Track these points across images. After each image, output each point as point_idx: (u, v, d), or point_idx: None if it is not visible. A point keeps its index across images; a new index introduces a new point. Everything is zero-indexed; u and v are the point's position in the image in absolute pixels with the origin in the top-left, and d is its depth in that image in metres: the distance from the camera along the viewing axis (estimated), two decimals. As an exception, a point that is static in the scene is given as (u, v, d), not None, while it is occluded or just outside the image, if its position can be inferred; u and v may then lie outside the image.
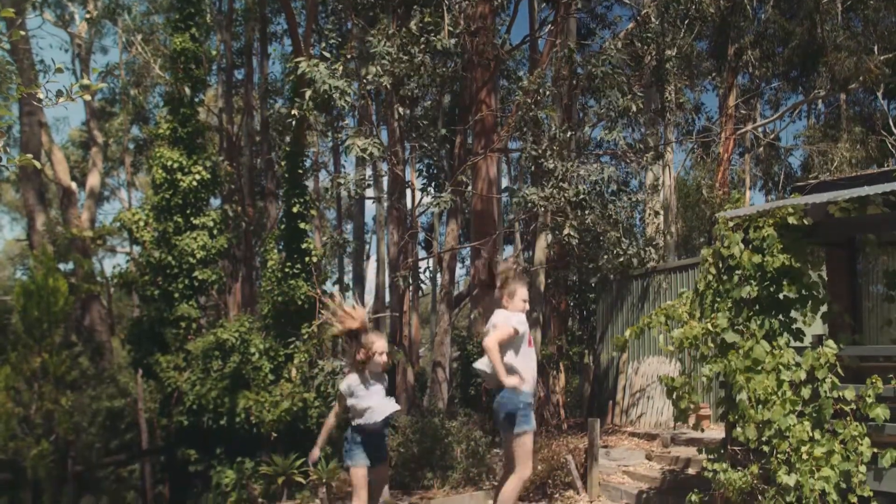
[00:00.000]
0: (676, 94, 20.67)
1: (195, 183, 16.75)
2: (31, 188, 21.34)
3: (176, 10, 17.94)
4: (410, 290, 17.17)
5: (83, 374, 17.48)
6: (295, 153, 16.07)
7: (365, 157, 11.88)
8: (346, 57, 13.34)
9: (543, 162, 12.37)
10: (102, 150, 28.20)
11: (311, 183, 27.72)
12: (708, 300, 6.99)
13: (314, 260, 15.64)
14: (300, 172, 16.13)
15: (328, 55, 12.99)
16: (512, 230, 21.76)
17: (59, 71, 4.83)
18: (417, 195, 17.30)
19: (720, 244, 6.94)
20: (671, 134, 22.06)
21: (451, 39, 12.51)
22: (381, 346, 5.42)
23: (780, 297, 6.65)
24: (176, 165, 16.59)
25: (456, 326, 19.26)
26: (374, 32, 12.78)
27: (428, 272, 24.99)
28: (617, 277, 15.02)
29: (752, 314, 6.67)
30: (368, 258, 33.24)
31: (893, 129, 23.59)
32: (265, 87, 25.79)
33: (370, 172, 20.73)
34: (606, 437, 13.08)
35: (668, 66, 16.04)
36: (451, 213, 14.41)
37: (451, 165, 15.08)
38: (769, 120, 27.89)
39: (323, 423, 14.59)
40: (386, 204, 21.14)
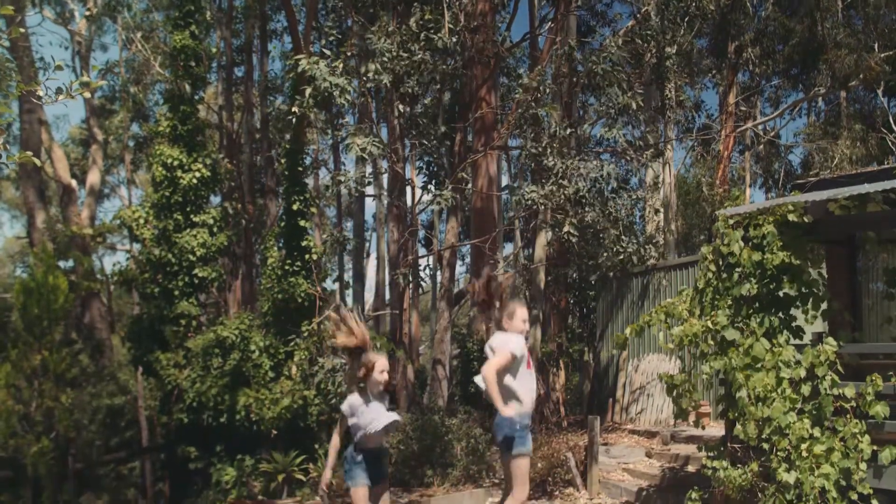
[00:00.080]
0: (676, 91, 20.67)
1: (195, 180, 16.74)
2: (31, 186, 21.34)
3: (176, 7, 17.91)
4: (410, 287, 17.16)
5: (83, 371, 17.48)
6: (295, 150, 16.05)
7: (364, 156, 11.89)
8: (346, 54, 13.33)
9: (543, 160, 12.37)
10: (102, 147, 28.17)
11: (311, 180, 27.75)
12: (708, 298, 6.99)
13: (314, 257, 15.64)
14: (300, 170, 16.11)
15: (328, 52, 12.98)
16: (512, 227, 21.77)
17: (58, 68, 4.83)
18: (417, 193, 17.30)
19: (720, 242, 6.94)
20: (671, 131, 22.06)
21: (451, 37, 12.50)
22: (381, 364, 5.39)
23: (780, 294, 6.65)
24: (176, 163, 16.58)
25: (456, 324, 19.27)
26: (373, 30, 12.77)
27: (428, 270, 25.08)
28: (617, 275, 15.02)
29: (751, 312, 6.68)
30: (368, 256, 33.27)
31: (894, 126, 23.57)
32: (265, 84, 25.77)
33: (370, 170, 20.73)
34: (606, 434, 13.10)
35: (668, 63, 16.05)
36: (451, 210, 14.41)
37: (451, 163, 15.07)
38: (769, 117, 27.89)
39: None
40: (386, 201, 21.14)
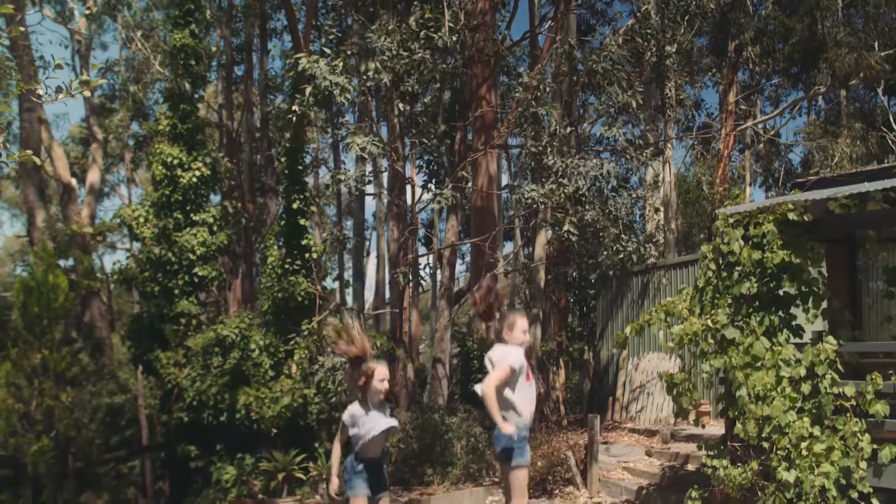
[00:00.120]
0: (676, 90, 20.67)
1: (195, 179, 16.74)
2: (31, 184, 21.34)
3: (176, 6, 17.90)
4: (410, 286, 17.16)
5: (83, 370, 17.49)
6: (295, 149, 16.06)
7: (364, 156, 11.89)
8: (346, 53, 13.32)
9: (543, 158, 12.37)
10: (102, 146, 28.16)
11: (311, 179, 27.73)
12: (708, 296, 6.99)
13: (314, 256, 15.65)
14: (300, 169, 16.12)
15: (328, 51, 12.97)
16: (512, 226, 21.76)
17: (58, 67, 4.83)
18: (418, 191, 17.29)
19: (720, 240, 6.94)
20: (671, 130, 22.05)
21: (451, 36, 12.50)
22: (381, 372, 5.36)
23: (780, 293, 6.65)
24: (176, 162, 16.58)
25: (456, 323, 19.27)
26: (374, 28, 12.76)
27: (428, 268, 25.06)
28: (617, 274, 15.02)
29: (752, 310, 6.68)
30: (368, 254, 33.26)
31: (894, 125, 23.56)
32: (265, 83, 25.76)
33: (370, 168, 20.71)
34: (606, 433, 13.10)
35: (668, 62, 16.04)
36: (451, 209, 14.41)
37: (451, 161, 15.07)
38: (769, 116, 27.88)
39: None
40: (386, 200, 21.12)
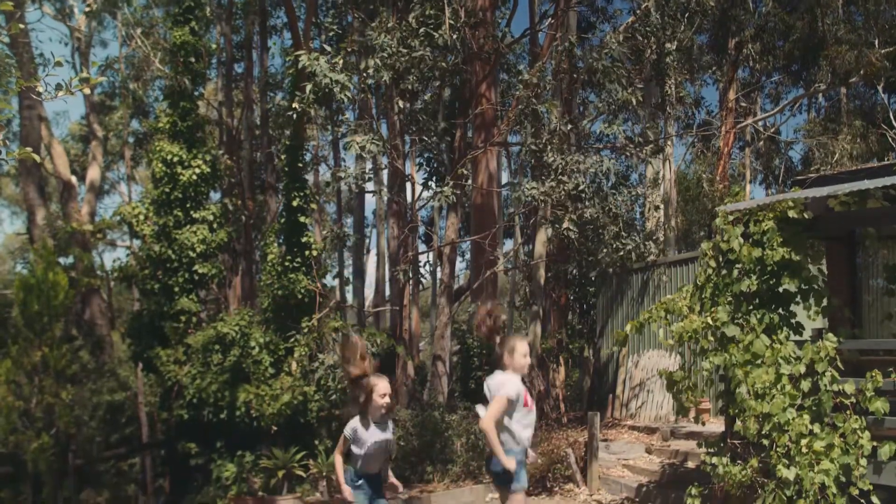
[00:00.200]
0: (677, 87, 20.63)
1: (195, 177, 16.73)
2: (31, 182, 21.34)
3: (175, 3, 17.88)
4: (410, 283, 17.18)
5: (83, 367, 17.49)
6: (295, 147, 16.05)
7: (364, 155, 11.89)
8: (346, 50, 13.31)
9: (543, 156, 12.37)
10: (102, 143, 28.17)
11: (311, 176, 27.70)
12: (708, 294, 7.00)
13: (314, 254, 15.65)
14: (300, 166, 16.11)
15: (328, 49, 12.96)
16: (512, 224, 21.78)
17: (58, 64, 4.82)
18: (417, 189, 17.30)
19: (720, 238, 6.95)
20: (671, 128, 22.04)
21: (451, 33, 12.49)
22: (381, 388, 5.35)
23: (779, 290, 6.65)
24: (176, 159, 16.56)
25: (456, 320, 19.27)
26: (373, 26, 12.75)
27: (428, 266, 25.10)
28: (617, 271, 15.01)
29: (751, 308, 6.68)
30: (368, 252, 33.25)
31: (894, 122, 23.56)
32: (265, 80, 25.74)
33: (370, 166, 20.71)
34: (606, 430, 13.10)
35: (668, 59, 16.00)
36: (451, 206, 14.40)
37: (451, 159, 15.06)
38: (770, 114, 27.85)
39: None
40: (386, 198, 21.13)
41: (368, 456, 5.33)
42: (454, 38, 12.68)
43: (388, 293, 25.03)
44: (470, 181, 13.85)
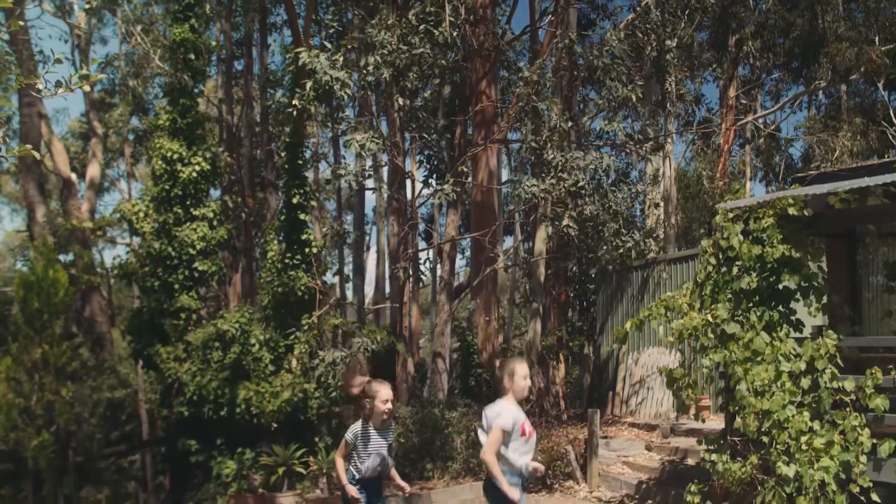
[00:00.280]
0: (677, 84, 20.63)
1: (195, 174, 16.72)
2: (31, 179, 21.33)
3: (175, 0, 17.87)
4: (410, 280, 17.17)
5: (84, 365, 17.50)
6: (295, 144, 16.04)
7: (364, 153, 11.88)
8: (346, 47, 13.29)
9: (543, 153, 12.36)
10: (102, 141, 28.15)
11: (311, 174, 27.68)
12: (708, 291, 7.00)
13: (314, 251, 15.64)
14: (300, 163, 16.10)
15: (328, 46, 12.95)
16: (512, 221, 21.78)
17: (58, 62, 4.81)
18: (418, 186, 17.28)
19: (720, 235, 6.95)
20: (671, 125, 22.03)
21: (451, 30, 12.47)
22: (384, 394, 5.45)
23: (779, 287, 6.65)
24: (176, 156, 16.55)
25: (456, 317, 19.28)
26: (373, 23, 12.73)
27: (428, 263, 25.04)
28: (617, 268, 15.02)
29: (751, 305, 6.68)
30: (368, 249, 33.27)
31: (894, 119, 23.55)
32: (265, 77, 25.72)
33: (370, 163, 20.70)
34: (606, 427, 13.12)
35: (668, 56, 15.97)
36: (451, 203, 14.40)
37: (451, 156, 15.05)
38: (770, 111, 27.85)
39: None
40: (386, 195, 21.12)
41: (370, 460, 5.43)
42: (454, 35, 12.66)
43: (388, 290, 25.01)
44: (470, 178, 13.84)
